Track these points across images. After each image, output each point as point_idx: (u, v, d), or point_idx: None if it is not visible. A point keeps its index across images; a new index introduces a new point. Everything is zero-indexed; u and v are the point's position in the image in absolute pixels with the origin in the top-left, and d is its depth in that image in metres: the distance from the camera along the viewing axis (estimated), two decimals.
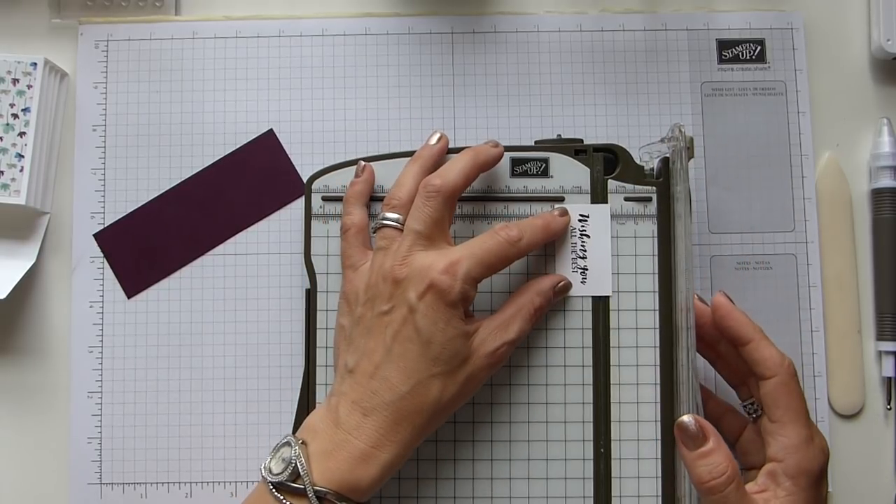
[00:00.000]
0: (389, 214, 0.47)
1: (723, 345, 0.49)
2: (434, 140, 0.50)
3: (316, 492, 0.42)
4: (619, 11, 0.56)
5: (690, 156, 0.49)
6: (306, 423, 0.46)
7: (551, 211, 0.50)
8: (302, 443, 0.44)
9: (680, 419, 0.44)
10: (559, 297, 0.50)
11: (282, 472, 0.43)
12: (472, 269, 0.45)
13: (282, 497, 0.42)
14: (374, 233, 0.48)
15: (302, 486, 0.42)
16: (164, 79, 0.56)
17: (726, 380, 0.50)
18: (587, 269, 0.50)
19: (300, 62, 0.56)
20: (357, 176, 0.51)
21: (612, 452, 0.50)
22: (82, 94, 0.56)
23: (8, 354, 0.55)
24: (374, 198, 0.51)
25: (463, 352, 0.45)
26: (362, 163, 0.51)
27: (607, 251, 0.50)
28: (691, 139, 0.49)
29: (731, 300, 0.48)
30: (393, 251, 0.46)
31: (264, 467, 0.44)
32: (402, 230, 0.47)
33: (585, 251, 0.50)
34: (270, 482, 0.43)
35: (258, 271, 0.54)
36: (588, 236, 0.50)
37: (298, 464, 0.42)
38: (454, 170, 0.47)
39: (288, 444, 0.44)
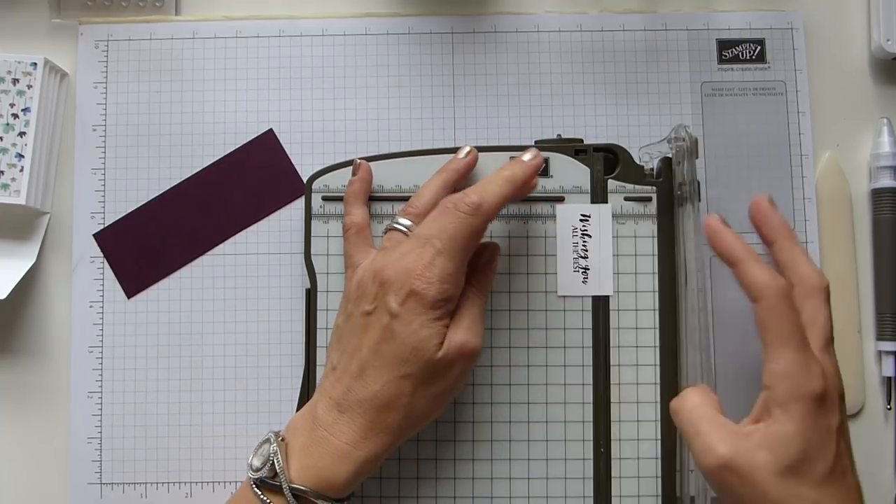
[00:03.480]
0: (402, 220, 0.47)
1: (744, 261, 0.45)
2: (463, 154, 0.50)
3: (292, 489, 0.42)
4: (619, 11, 0.56)
5: (696, 156, 0.49)
6: (290, 421, 0.46)
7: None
8: (282, 440, 0.44)
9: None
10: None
11: (261, 469, 0.43)
12: (445, 266, 0.44)
13: (261, 493, 0.43)
14: (384, 234, 0.48)
15: (279, 483, 0.43)
16: (164, 79, 0.56)
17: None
18: (588, 269, 0.50)
19: (300, 62, 0.56)
20: (354, 174, 0.51)
21: (612, 452, 0.50)
22: (82, 94, 0.56)
23: (8, 354, 0.55)
24: (373, 197, 0.51)
25: (433, 352, 0.44)
26: (357, 160, 0.51)
27: (609, 251, 0.50)
28: (696, 139, 0.49)
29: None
30: (398, 253, 0.45)
31: (248, 462, 0.44)
32: (408, 236, 0.46)
33: (587, 251, 0.50)
34: (252, 479, 0.43)
35: (258, 271, 0.54)
36: (589, 236, 0.50)
37: (276, 461, 0.43)
38: (493, 191, 0.45)
39: (268, 440, 0.44)
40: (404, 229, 0.47)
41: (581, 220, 0.50)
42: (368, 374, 0.44)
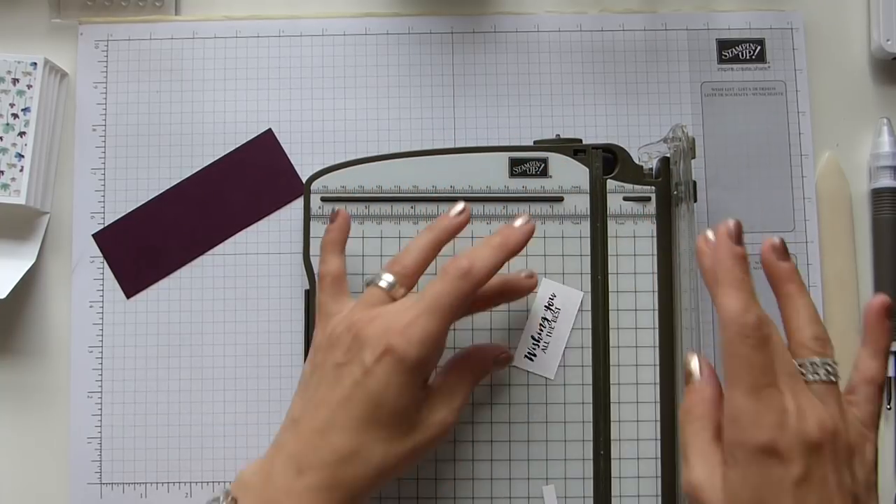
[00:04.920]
0: (385, 276, 0.45)
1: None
2: (455, 212, 0.47)
3: None
4: (619, 11, 0.56)
5: (692, 156, 0.49)
6: (240, 476, 0.43)
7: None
8: (232, 499, 0.41)
9: (686, 357, 0.41)
10: (498, 369, 0.49)
11: None
12: (428, 326, 0.42)
13: None
14: (366, 286, 0.46)
15: None
16: (164, 79, 0.56)
17: None
18: (539, 345, 0.50)
19: (300, 62, 0.56)
20: (332, 221, 0.49)
21: (612, 452, 0.50)
22: (82, 94, 0.56)
23: (8, 354, 0.55)
24: (372, 198, 0.51)
25: (412, 419, 0.43)
26: (335, 208, 0.49)
27: (566, 335, 0.50)
28: (693, 139, 0.49)
29: (738, 235, 0.40)
30: (378, 310, 0.44)
31: None
32: (390, 294, 0.45)
33: (552, 331, 0.50)
34: None
35: (258, 271, 0.54)
36: (558, 313, 0.50)
37: None
38: (484, 257, 0.44)
39: (217, 499, 0.42)
40: (385, 286, 0.45)
41: (550, 299, 0.50)
42: (334, 432, 0.42)
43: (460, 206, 0.47)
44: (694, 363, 0.41)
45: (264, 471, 0.42)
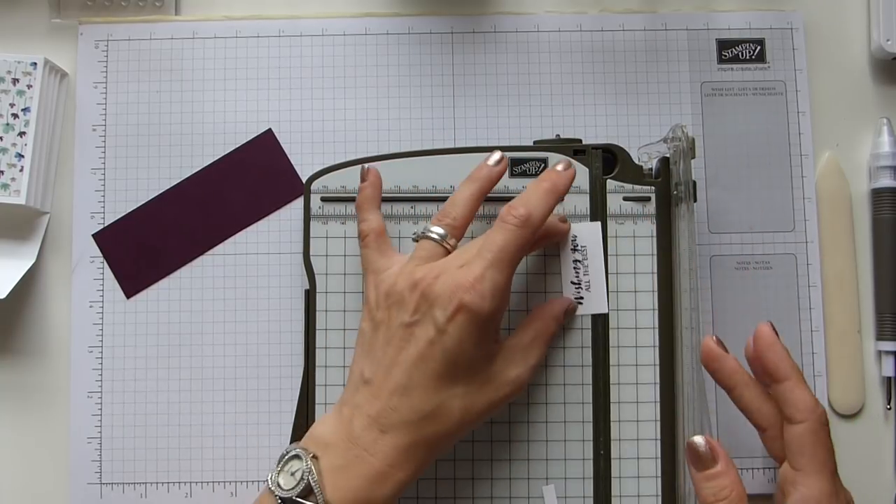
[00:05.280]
0: (435, 228, 0.46)
1: (743, 387, 0.45)
2: (494, 161, 0.48)
3: None
4: (619, 11, 0.56)
5: (692, 156, 0.49)
6: (315, 434, 0.44)
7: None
8: (313, 456, 0.42)
9: (690, 439, 0.42)
10: (567, 319, 0.50)
11: (293, 488, 0.41)
12: (496, 278, 0.43)
13: None
14: (415, 241, 0.47)
15: None
16: (164, 79, 0.56)
17: (753, 423, 0.46)
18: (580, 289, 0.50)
19: (300, 62, 0.56)
20: (363, 180, 0.50)
21: (612, 452, 0.50)
22: (82, 94, 0.56)
23: (8, 354, 0.55)
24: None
25: (486, 374, 0.44)
26: (366, 166, 0.50)
27: (601, 267, 0.50)
28: (693, 139, 0.49)
29: (776, 332, 0.45)
30: (441, 265, 0.44)
31: (271, 480, 0.42)
32: (443, 245, 0.46)
33: (588, 268, 0.50)
34: (279, 497, 0.41)
35: (258, 271, 0.54)
36: (585, 250, 0.50)
37: (311, 479, 0.41)
38: (538, 204, 0.45)
39: (297, 456, 0.42)
40: (437, 238, 0.46)
41: (573, 241, 0.51)
42: (413, 392, 0.42)
43: (497, 155, 0.48)
44: (704, 445, 0.42)
45: (343, 430, 0.43)
